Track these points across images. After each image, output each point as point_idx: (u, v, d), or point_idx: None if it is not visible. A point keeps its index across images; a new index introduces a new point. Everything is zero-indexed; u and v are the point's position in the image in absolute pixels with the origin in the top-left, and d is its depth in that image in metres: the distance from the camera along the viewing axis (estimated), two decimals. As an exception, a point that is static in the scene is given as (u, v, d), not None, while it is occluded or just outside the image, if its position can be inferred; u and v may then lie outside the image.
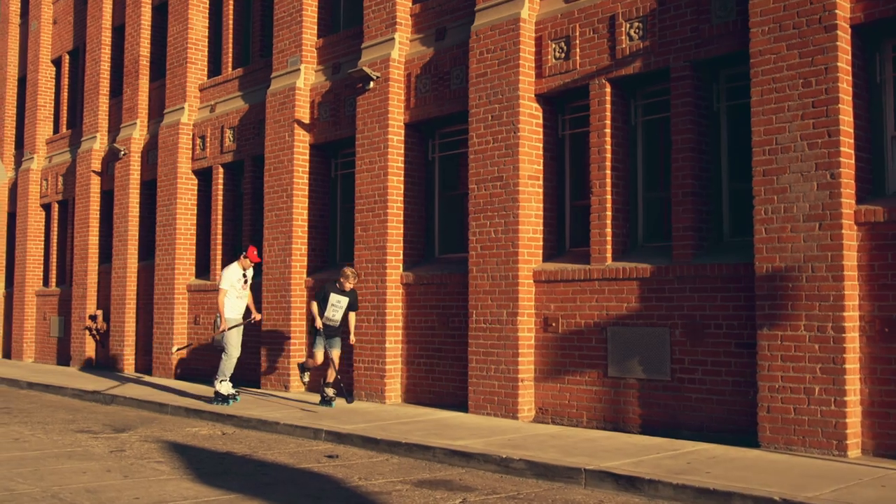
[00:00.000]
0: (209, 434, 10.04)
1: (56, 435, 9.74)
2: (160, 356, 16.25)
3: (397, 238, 12.05)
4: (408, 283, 11.91)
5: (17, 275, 21.99)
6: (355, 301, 11.74)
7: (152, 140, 17.57)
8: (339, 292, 11.62)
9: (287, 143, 13.73)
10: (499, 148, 10.57)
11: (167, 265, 16.24)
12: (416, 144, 12.34)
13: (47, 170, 21.57)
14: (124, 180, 17.86)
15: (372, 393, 11.94)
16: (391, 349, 11.88)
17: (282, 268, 13.62)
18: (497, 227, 10.50)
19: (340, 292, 11.62)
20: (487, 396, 10.43)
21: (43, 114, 21.88)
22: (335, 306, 11.58)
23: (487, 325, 10.50)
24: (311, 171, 13.77)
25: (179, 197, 16.20)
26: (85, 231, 19.15)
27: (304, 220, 13.64)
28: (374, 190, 12.17)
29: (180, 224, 16.17)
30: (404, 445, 8.52)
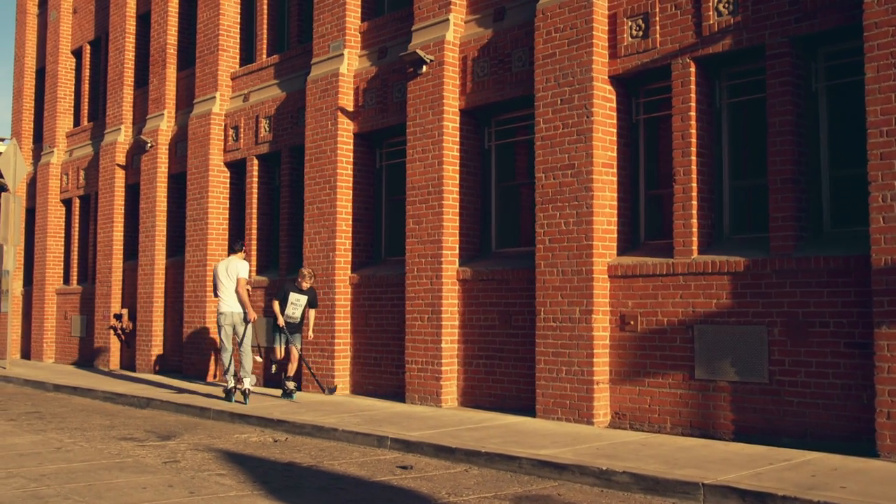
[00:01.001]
0: (260, 441, 9.34)
1: (99, 443, 9.04)
2: (191, 357, 15.55)
3: (453, 231, 11.33)
4: (465, 279, 11.20)
5: (36, 272, 21.31)
6: (314, 298, 12.43)
7: (181, 131, 16.88)
8: (298, 291, 12.28)
9: (330, 131, 13.01)
10: (569, 134, 9.84)
11: (198, 262, 15.54)
12: (471, 132, 11.63)
13: (68, 164, 20.89)
14: (151, 173, 17.16)
15: (426, 396, 11.23)
16: (447, 349, 11.17)
17: (324, 263, 12.91)
18: (568, 218, 9.78)
19: (299, 291, 12.28)
20: (558, 400, 9.71)
21: (63, 106, 21.20)
22: (295, 304, 12.18)
23: (557, 323, 9.78)
24: (355, 161, 13.05)
25: (211, 190, 15.49)
26: (109, 226, 18.46)
27: (348, 214, 12.93)
28: (428, 180, 11.45)
29: (212, 218, 15.47)
30: (484, 455, 7.81)
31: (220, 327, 12.19)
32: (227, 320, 12.15)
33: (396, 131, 12.64)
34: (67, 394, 14.37)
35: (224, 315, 12.12)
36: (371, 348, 12.49)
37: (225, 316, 12.12)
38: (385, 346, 12.28)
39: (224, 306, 12.12)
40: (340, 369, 12.70)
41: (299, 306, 12.23)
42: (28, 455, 8.21)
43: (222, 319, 12.14)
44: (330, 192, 12.93)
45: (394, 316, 12.16)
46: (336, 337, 12.69)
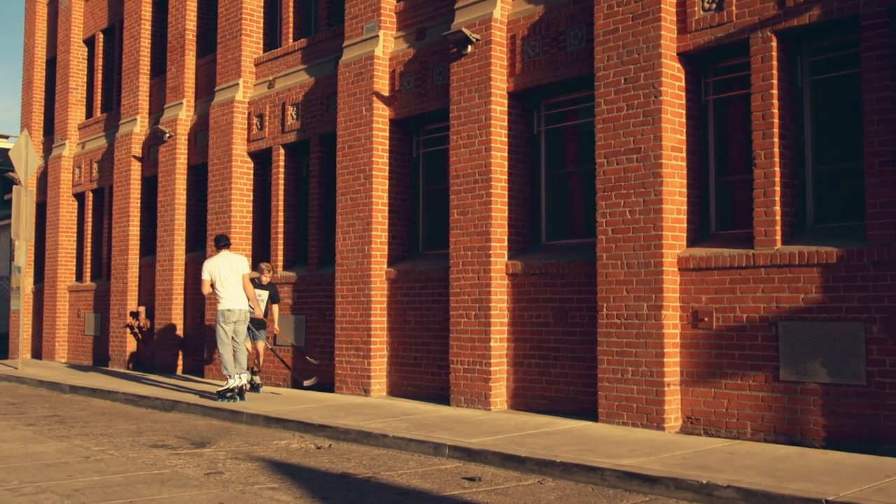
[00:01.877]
0: (302, 448, 8.61)
1: (130, 451, 8.31)
2: (213, 357, 14.81)
3: (501, 222, 10.60)
4: (514, 273, 10.46)
5: (47, 269, 20.59)
6: (275, 294, 12.79)
7: (201, 121, 16.14)
8: (259, 287, 12.40)
9: (364, 118, 12.27)
10: (634, 115, 9.10)
11: (221, 256, 14.78)
12: (519, 116, 10.89)
13: (80, 156, 20.16)
14: (169, 165, 16.43)
15: (473, 398, 10.49)
16: (496, 348, 10.43)
17: (359, 257, 12.18)
18: (633, 206, 9.04)
19: (259, 287, 12.43)
20: (624, 403, 8.97)
21: (75, 97, 20.47)
22: (257, 300, 12.16)
23: (622, 320, 9.04)
24: (390, 149, 12.32)
25: (234, 181, 14.76)
26: (125, 221, 17.73)
27: (384, 205, 12.19)
28: (475, 168, 10.71)
29: (235, 211, 14.74)
30: (559, 465, 7.07)
31: (225, 325, 11.62)
32: (234, 317, 11.69)
33: (436, 117, 11.91)
34: (86, 395, 13.65)
35: (232, 312, 11.66)
36: (410, 347, 11.76)
37: (233, 313, 11.67)
38: (425, 344, 11.55)
39: (231, 303, 11.65)
40: (377, 370, 11.97)
41: (262, 301, 12.34)
42: (55, 465, 7.48)
43: (230, 316, 11.64)
44: (365, 181, 12.19)
45: (435, 313, 11.43)
46: (372, 335, 11.95)
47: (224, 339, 11.61)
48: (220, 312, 11.68)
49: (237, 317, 11.69)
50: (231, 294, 11.66)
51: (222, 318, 11.63)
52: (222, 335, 11.62)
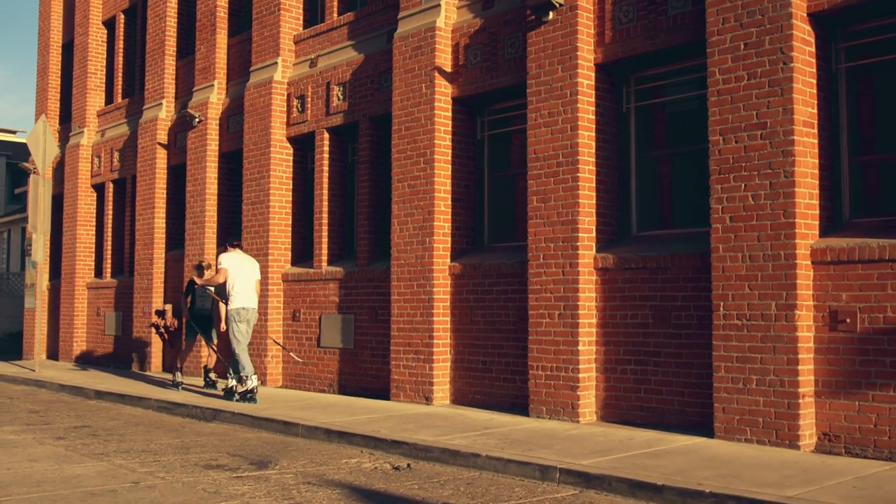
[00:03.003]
0: (378, 469, 7.43)
1: (182, 473, 7.13)
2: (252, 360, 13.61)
3: (589, 210, 9.40)
4: (605, 267, 9.26)
5: (65, 265, 19.43)
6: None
7: (234, 104, 14.96)
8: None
9: (424, 96, 11.08)
10: (758, 86, 7.89)
11: (258, 250, 13.62)
12: (607, 91, 9.69)
13: (99, 145, 18.99)
14: (199, 152, 15.24)
15: (557, 408, 9.30)
16: (584, 353, 9.23)
17: (419, 251, 10.98)
18: (758, 190, 7.83)
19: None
20: (747, 417, 7.76)
21: (94, 82, 19.30)
22: (202, 297, 12.70)
23: (744, 321, 7.83)
24: (453, 130, 11.13)
25: (272, 169, 13.57)
26: (149, 213, 16.56)
27: (446, 192, 11.00)
28: (558, 149, 9.51)
29: (274, 201, 13.55)
30: (709, 497, 5.87)
31: (240, 323, 11.26)
32: (248, 315, 11.39)
33: (506, 94, 10.73)
34: (113, 402, 12.47)
35: (246, 310, 11.35)
36: (477, 350, 10.58)
37: (247, 311, 11.36)
38: (497, 347, 10.36)
39: (245, 301, 11.34)
40: (439, 375, 10.78)
41: (207, 298, 12.65)
42: (101, 495, 6.30)
43: (244, 315, 11.31)
44: (425, 166, 11.00)
45: (507, 312, 10.25)
46: (434, 337, 10.76)
47: (240, 338, 11.25)
48: (233, 311, 11.26)
49: (250, 315, 11.38)
50: (247, 292, 11.34)
51: (237, 316, 11.23)
52: (237, 334, 11.24)
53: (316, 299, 12.89)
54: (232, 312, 11.28)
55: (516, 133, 11.03)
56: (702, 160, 8.96)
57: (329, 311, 12.63)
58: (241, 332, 11.24)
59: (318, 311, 12.84)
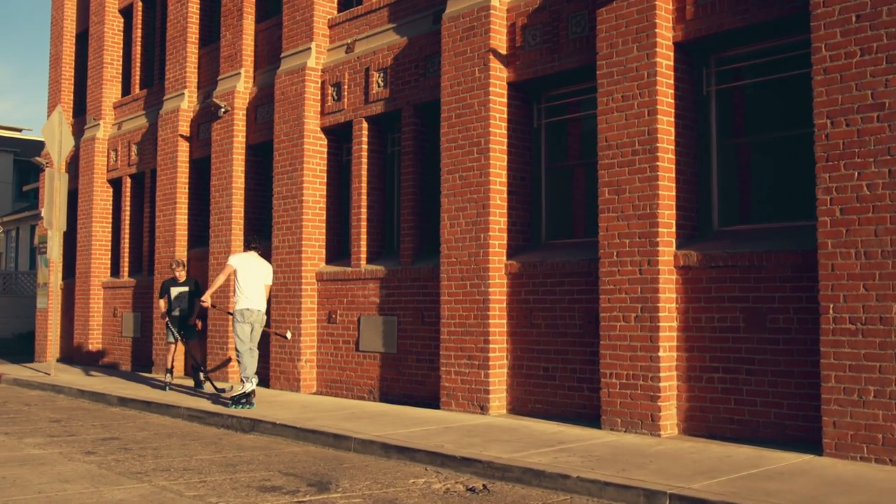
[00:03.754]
0: (449, 490, 6.62)
1: (236, 497, 6.30)
2: (282, 364, 12.82)
3: (668, 203, 8.57)
4: (688, 265, 8.43)
5: (79, 263, 18.61)
6: (197, 288, 13.13)
7: (263, 93, 14.14)
8: (177, 284, 13.07)
9: (478, 81, 10.25)
10: (874, 62, 7.05)
11: (290, 247, 12.81)
12: (686, 73, 8.86)
13: (116, 138, 18.17)
14: (225, 144, 14.42)
15: (635, 420, 8.46)
16: (665, 359, 8.40)
17: (472, 248, 10.16)
18: (874, 179, 7.00)
19: (178, 284, 13.07)
20: (863, 432, 6.93)
21: (110, 73, 18.48)
22: (178, 298, 12.92)
23: (859, 325, 7.00)
24: (509, 118, 10.30)
25: (306, 161, 12.74)
26: (170, 208, 15.74)
27: (502, 184, 10.18)
28: (634, 136, 8.68)
29: (307, 195, 12.72)
30: (862, 531, 5.04)
31: (242, 324, 10.94)
32: (253, 317, 11.00)
33: (567, 78, 9.91)
34: (138, 409, 11.65)
35: (251, 312, 10.98)
36: (538, 356, 9.75)
37: (252, 313, 10.99)
38: (560, 353, 9.53)
39: (251, 303, 10.99)
40: (496, 382, 9.95)
41: (183, 299, 12.88)
42: (151, 525, 5.48)
43: (248, 316, 10.95)
44: (479, 156, 10.17)
45: (573, 314, 9.42)
46: (490, 341, 9.94)
47: (243, 338, 10.91)
48: (238, 311, 10.97)
49: (255, 317, 11.00)
50: (252, 294, 11.00)
51: (241, 317, 10.94)
52: (241, 334, 10.92)
53: (354, 300, 12.07)
54: (237, 313, 10.99)
55: (578, 121, 10.22)
56: (793, 148, 8.18)
57: (369, 313, 11.81)
58: (245, 333, 10.91)
59: (357, 312, 12.01)
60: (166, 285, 13.16)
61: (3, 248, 32.32)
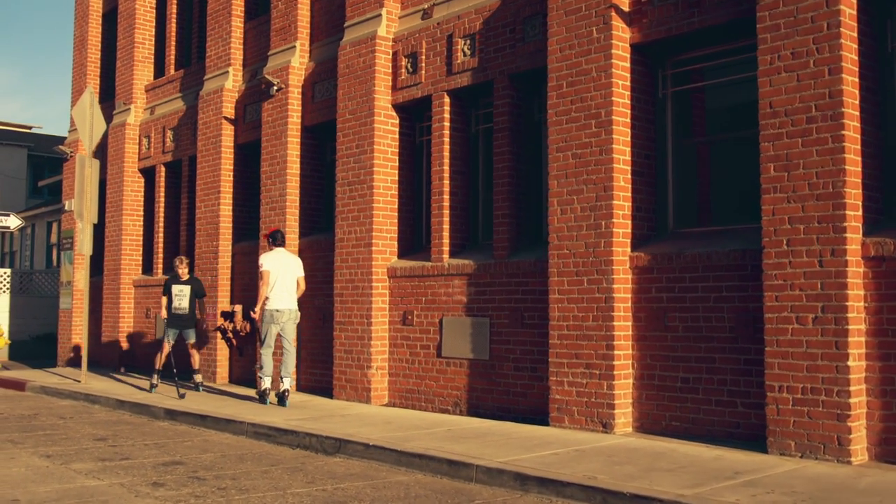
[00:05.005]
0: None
1: (374, 554, 4.81)
2: (348, 371, 11.34)
3: (854, 181, 7.07)
4: (882, 255, 6.93)
5: (107, 260, 17.16)
6: (199, 288, 12.93)
7: (321, 68, 12.67)
8: (179, 283, 12.70)
9: (596, 42, 8.76)
10: None
11: (358, 240, 11.33)
12: (868, 26, 7.37)
13: (149, 123, 16.72)
14: (278, 125, 12.94)
15: (814, 443, 6.95)
16: (854, 370, 6.90)
17: (590, 237, 8.67)
18: None
19: (180, 283, 12.69)
20: None
21: (141, 53, 17.03)
22: (179, 296, 12.58)
23: None
24: (632, 86, 8.81)
25: (376, 142, 11.27)
26: (213, 198, 14.28)
27: (626, 163, 8.69)
28: (809, 100, 7.18)
29: (378, 181, 11.25)
30: None
31: (271, 325, 10.90)
32: (283, 318, 10.93)
33: (705, 38, 8.42)
34: (191, 424, 10.17)
35: (281, 313, 10.88)
36: (674, 364, 8.25)
37: (282, 314, 10.89)
38: (704, 360, 8.03)
39: (281, 303, 10.92)
40: (621, 395, 8.46)
41: (184, 297, 12.57)
42: None
43: (278, 317, 10.89)
44: (598, 130, 8.68)
45: (721, 315, 7.93)
46: (614, 347, 8.44)
47: (269, 340, 10.93)
48: (268, 312, 10.88)
49: (287, 317, 10.97)
50: (283, 293, 10.94)
51: (271, 318, 10.89)
52: (266, 336, 10.94)
53: (435, 299, 10.59)
54: (265, 314, 10.89)
55: (717, 87, 8.74)
56: None
57: (453, 314, 10.34)
58: (272, 334, 10.90)
59: (438, 313, 10.54)
60: (168, 283, 12.75)
61: (18, 247, 30.89)
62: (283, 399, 10.73)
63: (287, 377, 10.84)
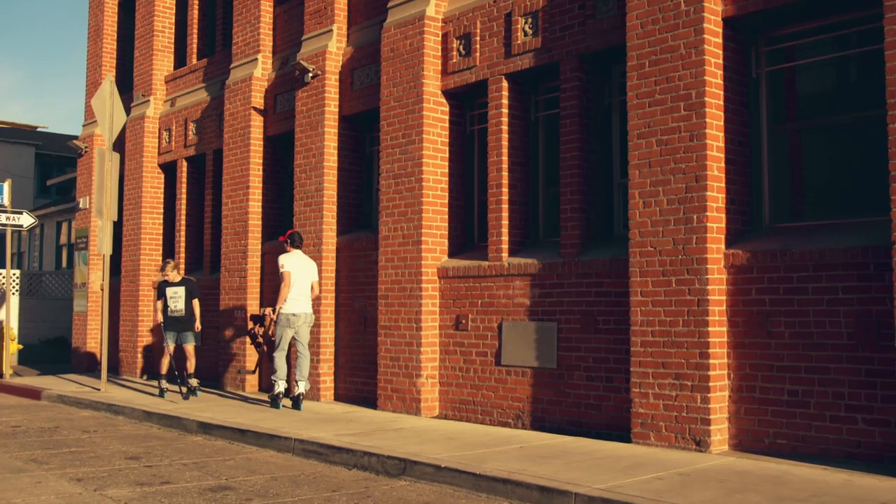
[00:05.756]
0: None
1: None
2: (395, 380, 10.45)
3: None
4: None
5: (125, 260, 16.28)
6: (193, 288, 12.47)
7: (361, 53, 11.78)
8: (171, 285, 12.31)
9: (685, 15, 7.88)
10: None
11: (405, 237, 10.44)
12: None
13: (169, 116, 15.85)
14: (314, 115, 12.06)
15: (962, 469, 6.05)
16: None
17: (679, 233, 7.77)
18: None
19: (172, 285, 12.30)
20: None
21: (161, 42, 16.16)
22: (174, 298, 12.23)
23: None
24: (725, 65, 7.91)
25: (426, 131, 10.39)
26: (241, 194, 13.40)
27: (720, 150, 7.80)
28: (953, 74, 6.28)
29: (427, 173, 10.37)
30: None
31: (286, 328, 10.73)
32: (299, 322, 10.75)
33: (810, 10, 7.52)
34: (229, 440, 9.28)
35: (297, 317, 10.70)
36: (779, 375, 7.35)
37: (297, 318, 10.70)
38: (816, 371, 7.12)
39: (297, 307, 10.72)
40: (716, 409, 7.56)
41: (178, 298, 12.21)
42: None
43: (293, 321, 10.71)
44: (688, 114, 7.79)
45: (836, 320, 7.03)
46: (709, 355, 7.54)
47: (283, 344, 10.75)
48: (284, 316, 10.69)
49: (302, 321, 10.78)
50: (300, 297, 10.75)
51: (286, 322, 10.70)
52: (280, 340, 10.76)
53: (493, 301, 9.70)
54: (281, 317, 10.70)
55: (812, 67, 7.85)
56: None
57: (514, 318, 9.44)
58: (287, 337, 10.73)
59: (496, 317, 9.65)
60: (161, 287, 12.47)
61: (27, 248, 30.02)
62: (297, 402, 10.61)
63: (303, 381, 10.70)
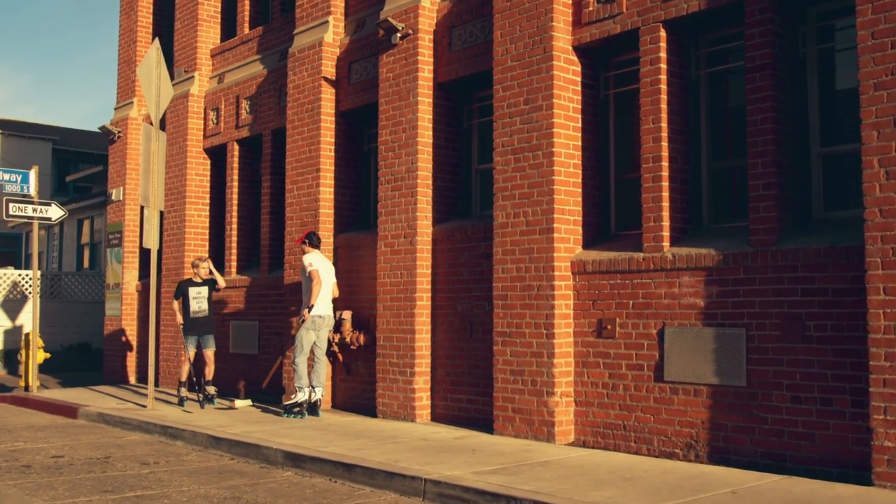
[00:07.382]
0: None
1: None
2: (517, 398, 8.56)
3: None
4: None
5: (167, 257, 14.44)
6: (213, 284, 11.75)
7: (461, 7, 9.93)
8: (195, 285, 11.62)
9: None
10: None
11: (530, 225, 8.58)
12: None
13: (217, 94, 14.01)
14: (404, 83, 10.19)
15: None
16: None
17: None
18: None
19: (196, 284, 11.62)
20: None
21: (206, 12, 14.35)
22: (197, 298, 11.58)
23: None
24: None
25: (556, 95, 8.51)
26: (310, 179, 11.56)
27: None
28: None
29: (559, 146, 8.50)
30: None
31: (311, 330, 10.23)
32: (323, 324, 10.30)
33: None
34: (330, 476, 7.40)
35: (323, 319, 10.26)
36: None
37: (323, 319, 10.27)
38: None
39: (324, 309, 10.26)
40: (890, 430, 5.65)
41: (202, 299, 11.60)
42: None
43: (319, 323, 10.26)
44: None
45: None
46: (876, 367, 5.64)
47: (305, 347, 10.21)
48: (312, 318, 10.18)
49: (326, 323, 10.35)
50: (325, 298, 10.30)
51: (312, 323, 10.21)
52: (304, 342, 10.21)
53: (649, 302, 7.82)
54: (310, 319, 10.17)
55: None
56: None
57: (681, 322, 7.56)
58: (309, 340, 10.25)
59: (655, 321, 7.77)
60: (183, 287, 11.63)
61: (45, 247, 28.18)
62: (314, 409, 10.29)
63: (319, 387, 10.30)
